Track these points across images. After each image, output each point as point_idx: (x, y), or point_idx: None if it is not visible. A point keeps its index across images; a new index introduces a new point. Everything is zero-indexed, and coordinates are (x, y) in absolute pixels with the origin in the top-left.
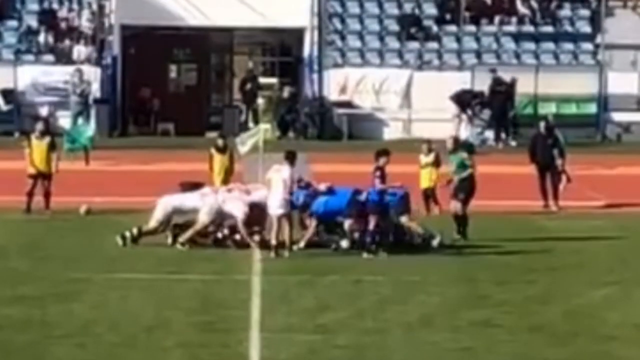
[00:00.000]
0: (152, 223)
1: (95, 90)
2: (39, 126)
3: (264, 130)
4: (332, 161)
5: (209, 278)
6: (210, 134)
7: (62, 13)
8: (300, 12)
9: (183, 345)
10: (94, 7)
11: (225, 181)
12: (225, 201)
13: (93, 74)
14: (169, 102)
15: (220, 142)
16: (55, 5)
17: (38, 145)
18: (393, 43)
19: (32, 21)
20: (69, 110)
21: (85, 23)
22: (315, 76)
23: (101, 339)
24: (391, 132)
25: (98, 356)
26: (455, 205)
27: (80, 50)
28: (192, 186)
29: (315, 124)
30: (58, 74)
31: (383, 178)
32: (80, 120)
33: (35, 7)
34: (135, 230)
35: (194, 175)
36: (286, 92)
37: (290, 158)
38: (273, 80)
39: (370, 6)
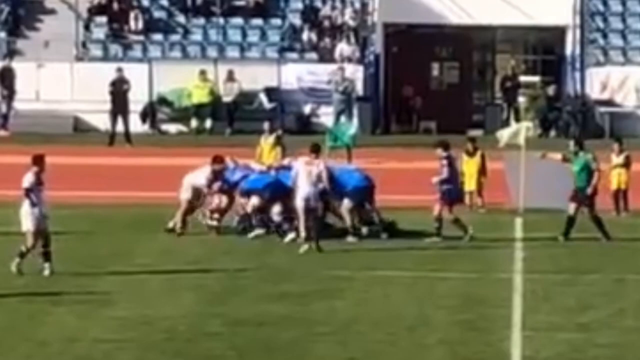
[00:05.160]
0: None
1: (358, 88)
2: (266, 125)
3: (525, 128)
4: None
5: (471, 276)
6: (472, 131)
7: (325, 11)
8: (562, 10)
9: (444, 343)
10: (357, 5)
11: (478, 184)
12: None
13: (356, 72)
14: (431, 100)
15: (469, 146)
16: (318, 3)
17: (265, 144)
18: None
19: (296, 19)
20: (331, 108)
21: (348, 21)
22: (577, 75)
23: (363, 337)
24: None
25: (359, 353)
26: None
27: (342, 48)
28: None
29: (577, 123)
30: (321, 72)
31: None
32: (342, 118)
33: (298, 5)
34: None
35: None
36: (550, 90)
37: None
38: (535, 78)
39: (632, 5)
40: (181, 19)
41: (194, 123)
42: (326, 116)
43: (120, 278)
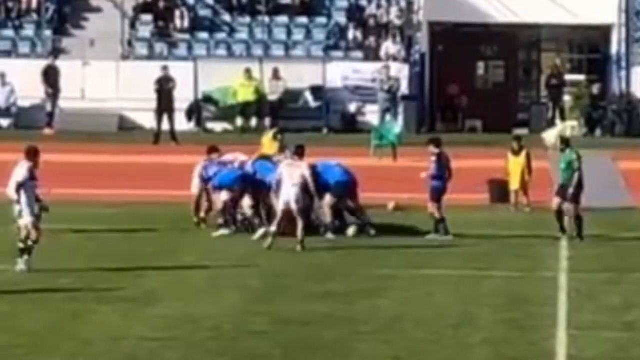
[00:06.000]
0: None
1: (404, 87)
2: (267, 122)
3: (570, 127)
4: (639, 158)
5: (516, 275)
6: (517, 130)
7: (371, 10)
8: (608, 9)
9: (489, 342)
10: (402, 3)
11: (523, 182)
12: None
13: (401, 70)
14: (477, 99)
15: (515, 144)
16: (363, 2)
17: (266, 140)
18: None
19: (341, 18)
20: (376, 106)
21: (393, 20)
22: (622, 73)
23: (407, 335)
24: None
25: (403, 352)
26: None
27: (388, 47)
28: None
29: (622, 121)
30: (366, 71)
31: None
32: (388, 117)
33: (344, 3)
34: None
35: (495, 173)
36: (595, 89)
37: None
38: (580, 77)
39: None
40: (227, 17)
41: (239, 121)
42: (371, 115)
43: (164, 276)
